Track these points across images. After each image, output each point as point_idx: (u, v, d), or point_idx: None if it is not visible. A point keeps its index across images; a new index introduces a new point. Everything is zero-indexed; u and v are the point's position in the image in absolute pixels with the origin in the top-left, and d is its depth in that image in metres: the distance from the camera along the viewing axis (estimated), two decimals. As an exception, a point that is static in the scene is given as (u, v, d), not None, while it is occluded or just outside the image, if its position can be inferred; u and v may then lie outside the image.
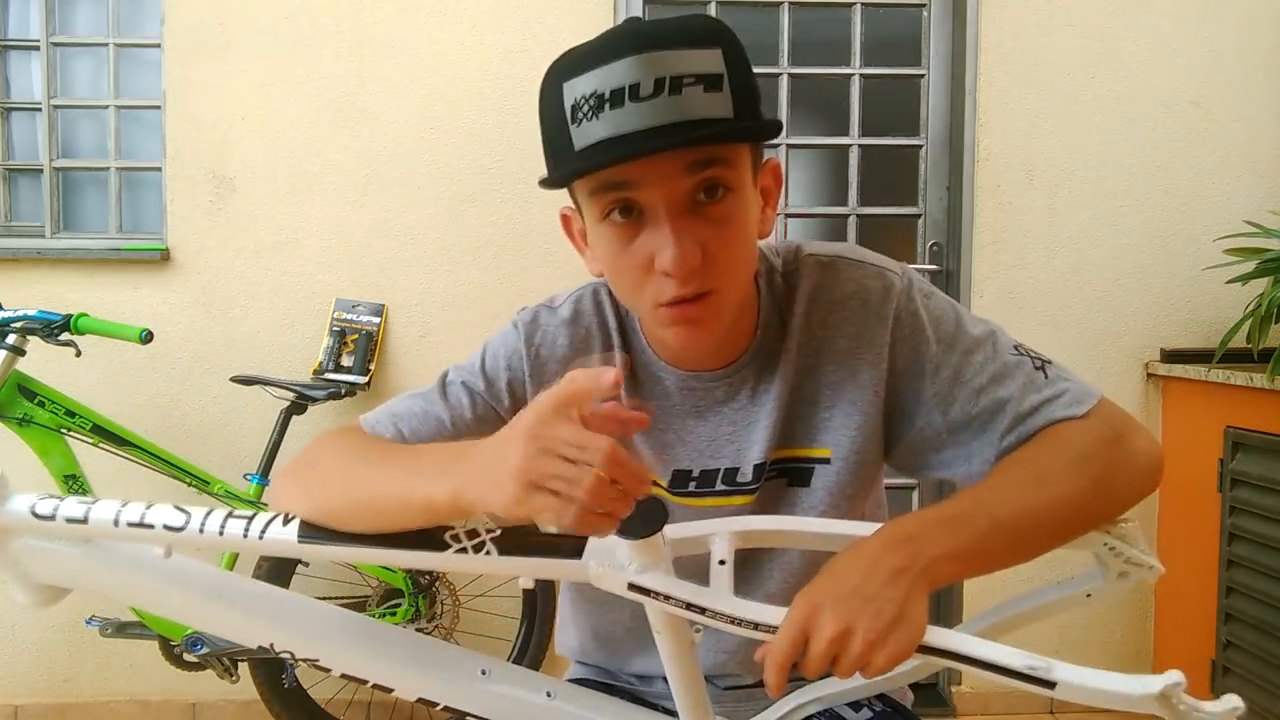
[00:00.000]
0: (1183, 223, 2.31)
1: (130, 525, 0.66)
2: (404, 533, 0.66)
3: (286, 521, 0.67)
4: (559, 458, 0.55)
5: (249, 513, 0.68)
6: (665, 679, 0.93)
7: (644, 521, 0.61)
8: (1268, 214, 2.22)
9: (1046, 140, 2.28)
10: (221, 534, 0.66)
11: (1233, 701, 0.59)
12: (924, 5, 2.35)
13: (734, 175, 0.70)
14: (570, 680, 0.98)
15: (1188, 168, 2.31)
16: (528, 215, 2.25)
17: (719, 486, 0.84)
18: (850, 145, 2.36)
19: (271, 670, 2.00)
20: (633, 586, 0.63)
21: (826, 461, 0.83)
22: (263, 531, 0.66)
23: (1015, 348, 0.80)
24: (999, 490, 0.72)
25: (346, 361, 2.19)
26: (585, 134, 0.66)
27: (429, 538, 0.65)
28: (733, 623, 0.62)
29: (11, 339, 1.82)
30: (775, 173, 0.78)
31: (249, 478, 2.02)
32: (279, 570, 1.96)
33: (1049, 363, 0.80)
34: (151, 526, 0.66)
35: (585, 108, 0.65)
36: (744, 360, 0.82)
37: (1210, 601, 2.05)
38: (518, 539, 0.65)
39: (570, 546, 0.65)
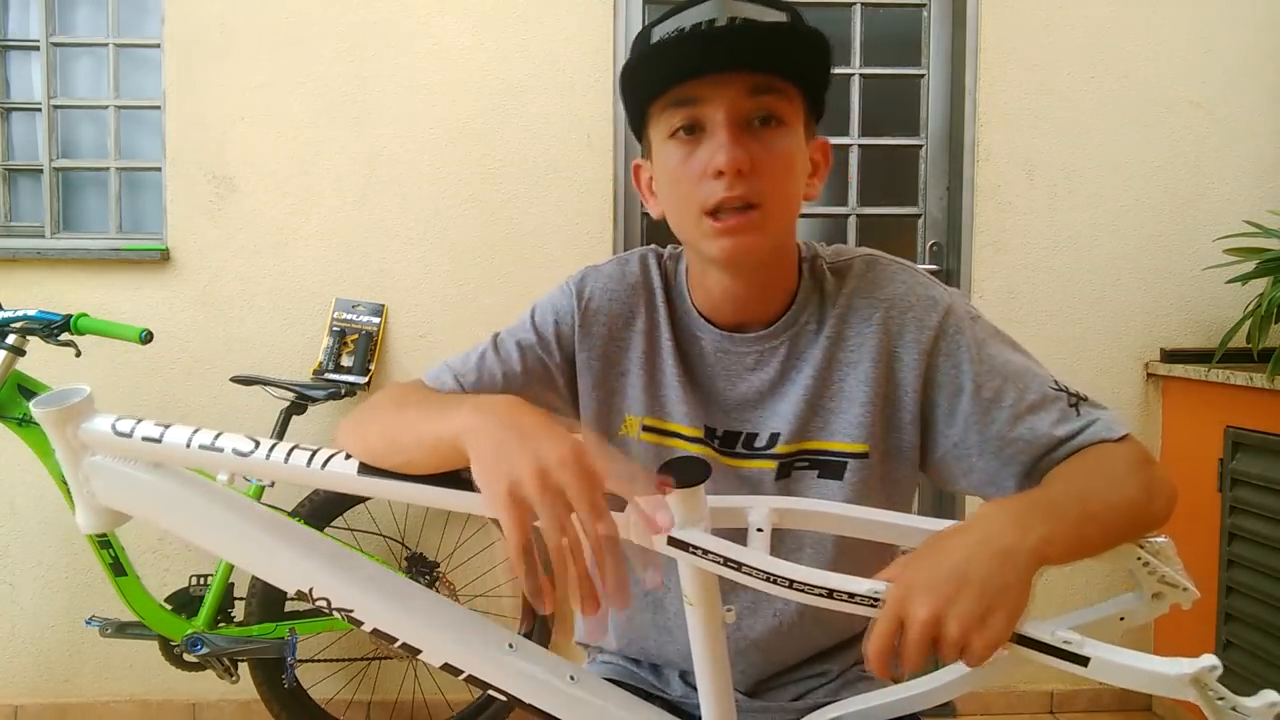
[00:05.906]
0: (1183, 223, 2.31)
1: (201, 448, 0.68)
2: (448, 474, 0.67)
3: (348, 457, 0.70)
4: (551, 495, 0.57)
5: (314, 446, 0.70)
6: (685, 678, 0.93)
7: (687, 473, 0.63)
8: (1268, 214, 2.23)
9: (1046, 140, 2.28)
10: (286, 463, 0.67)
11: (1271, 697, 0.57)
12: (924, 5, 2.35)
13: (788, 111, 0.77)
14: None
15: (1188, 168, 2.31)
16: (528, 215, 2.25)
17: (739, 450, 0.87)
18: (850, 145, 2.36)
19: (271, 670, 2.00)
20: (672, 541, 0.64)
21: (863, 456, 0.85)
22: (324, 464, 0.68)
23: (1054, 382, 0.83)
24: (1079, 483, 0.74)
25: (346, 361, 2.19)
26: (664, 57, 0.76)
27: (472, 482, 0.67)
28: (768, 579, 0.62)
29: (11, 339, 1.82)
30: (824, 149, 0.86)
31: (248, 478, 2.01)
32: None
33: (1084, 399, 0.83)
34: (221, 450, 0.68)
35: (668, 41, 0.75)
36: (776, 329, 0.86)
37: (1210, 601, 2.04)
38: None
39: (615, 500, 0.66)
